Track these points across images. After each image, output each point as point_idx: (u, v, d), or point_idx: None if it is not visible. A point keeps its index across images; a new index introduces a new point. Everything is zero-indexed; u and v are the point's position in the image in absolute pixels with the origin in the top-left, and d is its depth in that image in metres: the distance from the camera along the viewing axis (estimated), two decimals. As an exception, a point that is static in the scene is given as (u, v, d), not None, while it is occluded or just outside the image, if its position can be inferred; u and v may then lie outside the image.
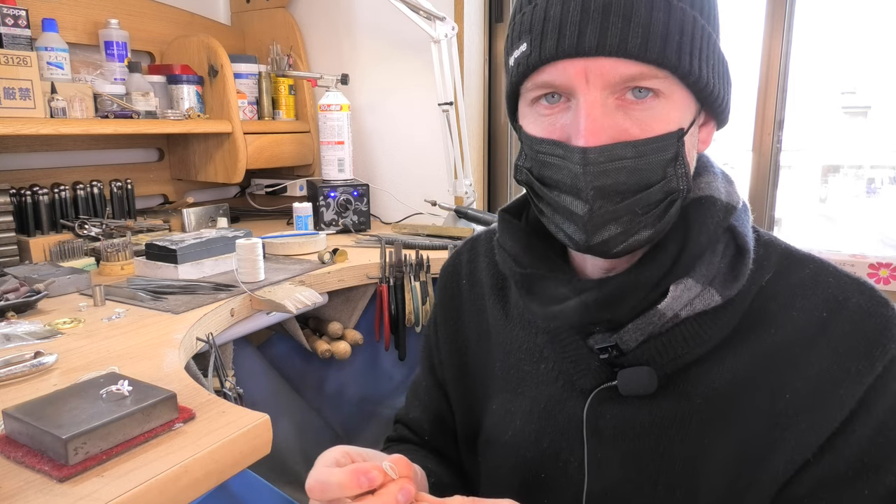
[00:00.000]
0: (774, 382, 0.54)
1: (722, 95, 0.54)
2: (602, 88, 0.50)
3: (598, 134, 0.50)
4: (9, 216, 1.37)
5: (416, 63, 1.89)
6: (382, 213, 2.05)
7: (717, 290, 0.54)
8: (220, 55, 1.77)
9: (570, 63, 0.49)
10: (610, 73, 0.49)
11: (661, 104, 0.51)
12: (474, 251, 0.75)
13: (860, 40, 1.59)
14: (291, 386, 1.65)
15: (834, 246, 1.47)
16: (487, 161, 2.00)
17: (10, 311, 1.05)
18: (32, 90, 1.35)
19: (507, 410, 0.66)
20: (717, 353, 0.55)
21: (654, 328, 0.55)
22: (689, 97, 0.52)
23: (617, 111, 0.50)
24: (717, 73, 0.52)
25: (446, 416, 0.77)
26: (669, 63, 0.49)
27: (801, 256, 0.59)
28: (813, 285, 0.56)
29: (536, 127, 0.54)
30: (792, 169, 1.72)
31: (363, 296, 1.57)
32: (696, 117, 0.54)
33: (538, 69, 0.52)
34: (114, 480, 0.59)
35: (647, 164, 0.51)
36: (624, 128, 0.50)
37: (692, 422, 0.55)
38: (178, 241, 1.34)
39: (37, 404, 0.66)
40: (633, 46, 0.48)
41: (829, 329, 0.53)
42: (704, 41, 0.50)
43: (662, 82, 0.50)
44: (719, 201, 0.56)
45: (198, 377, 0.99)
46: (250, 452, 0.71)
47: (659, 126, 0.51)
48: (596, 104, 0.50)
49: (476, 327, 0.72)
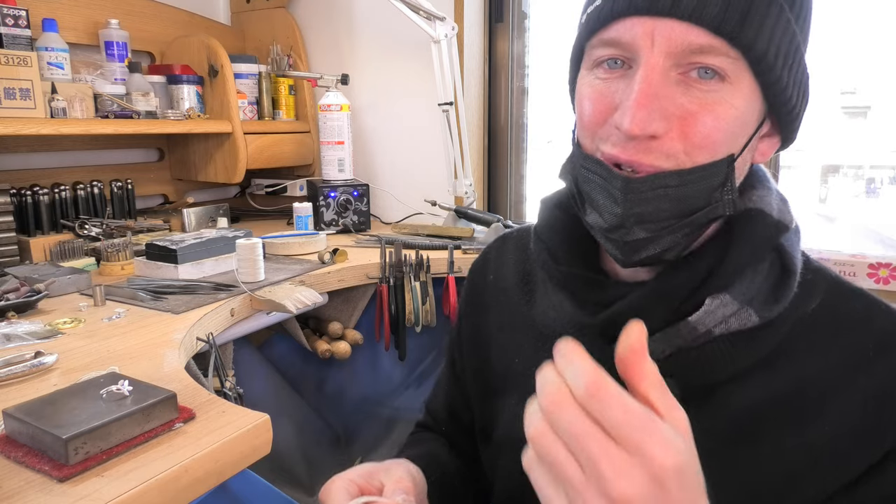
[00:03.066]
0: (805, 416, 0.51)
1: (795, 104, 0.51)
2: (667, 55, 0.47)
3: (650, 104, 0.47)
4: (9, 216, 1.37)
5: (416, 63, 1.89)
6: (382, 213, 2.05)
7: (755, 310, 0.51)
8: (221, 55, 1.77)
9: (640, 21, 0.47)
10: (679, 39, 0.46)
11: (727, 89, 0.47)
12: (504, 248, 0.75)
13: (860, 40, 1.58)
14: (291, 386, 1.65)
15: (834, 246, 1.46)
16: (487, 161, 2.00)
17: (10, 311, 1.05)
18: (33, 90, 1.35)
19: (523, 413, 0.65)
20: (746, 376, 0.53)
21: (683, 342, 0.52)
22: (758, 93, 0.49)
23: (678, 86, 0.48)
24: (794, 78, 0.49)
25: (460, 411, 0.77)
26: (745, 40, 0.45)
27: (852, 289, 0.56)
28: (863, 321, 0.53)
29: (589, 92, 0.52)
30: (792, 169, 1.72)
31: (363, 296, 1.57)
32: (762, 121, 0.51)
33: (607, 24, 0.49)
34: (114, 480, 0.59)
35: (692, 191, 0.49)
36: (680, 103, 0.47)
37: (711, 439, 0.52)
38: (179, 241, 1.34)
39: (37, 404, 0.67)
40: (709, 13, 0.45)
41: (874, 368, 0.51)
42: (788, 38, 0.47)
43: (732, 64, 0.46)
44: (769, 217, 0.53)
45: (198, 377, 0.99)
46: (250, 452, 0.71)
47: (722, 110, 0.47)
48: (656, 69, 0.47)
49: (499, 323, 0.71)
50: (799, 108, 0.52)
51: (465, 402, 0.76)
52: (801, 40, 0.49)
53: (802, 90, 0.51)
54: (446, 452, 0.76)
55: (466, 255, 1.49)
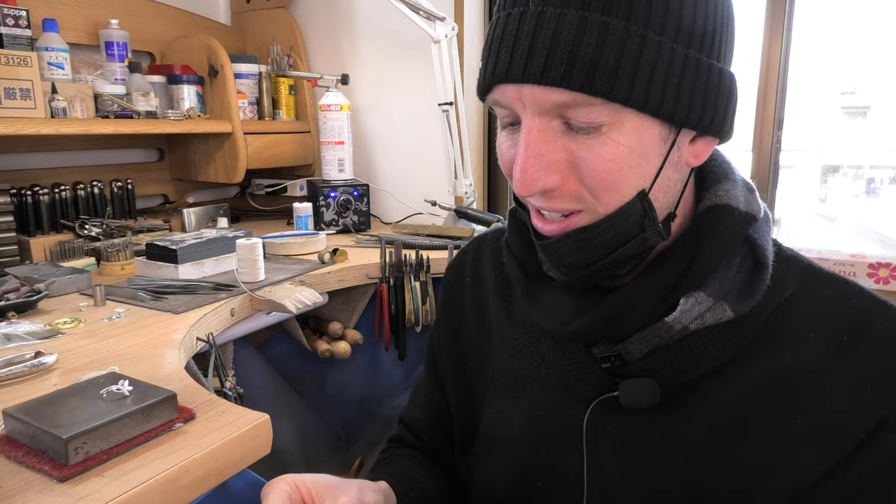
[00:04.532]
0: (784, 405, 0.51)
1: (708, 115, 0.50)
2: (539, 114, 0.48)
3: (535, 164, 0.49)
4: (9, 216, 1.37)
5: (416, 63, 1.89)
6: (382, 213, 2.05)
7: (730, 304, 0.52)
8: (221, 55, 1.77)
9: (508, 87, 0.49)
10: (542, 99, 0.47)
11: (611, 130, 0.48)
12: (479, 250, 0.75)
13: (860, 40, 1.59)
14: (291, 386, 1.65)
15: (834, 246, 1.46)
16: (487, 161, 2.00)
17: (10, 311, 1.05)
18: (33, 90, 1.35)
19: (505, 414, 0.65)
20: (725, 369, 0.53)
21: (660, 340, 0.53)
22: (650, 121, 0.48)
23: (563, 135, 0.49)
24: (693, 94, 0.48)
25: (445, 418, 0.76)
26: (600, 89, 0.45)
27: (825, 275, 0.56)
28: (836, 307, 0.53)
29: (500, 150, 0.55)
30: (792, 169, 1.73)
31: (363, 296, 1.57)
32: (674, 138, 0.50)
33: (490, 89, 0.52)
34: (114, 480, 0.59)
35: (610, 236, 0.51)
36: (570, 150, 0.49)
37: (694, 439, 0.53)
38: (179, 241, 1.34)
39: (37, 404, 0.67)
40: (555, 75, 0.46)
41: (849, 354, 0.51)
42: (664, 62, 0.46)
43: (602, 109, 0.47)
44: (737, 210, 0.53)
45: (198, 377, 0.99)
46: (250, 452, 0.71)
47: (608, 153, 0.48)
48: (534, 129, 0.49)
49: (477, 328, 0.71)
50: (712, 114, 0.50)
51: (448, 407, 0.75)
52: (689, 49, 0.48)
53: (712, 96, 0.49)
54: (423, 469, 0.74)
55: (466, 255, 1.49)
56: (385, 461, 0.77)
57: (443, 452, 0.76)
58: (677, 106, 0.48)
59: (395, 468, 0.73)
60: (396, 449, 0.79)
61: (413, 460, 0.75)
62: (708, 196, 0.55)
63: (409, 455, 0.77)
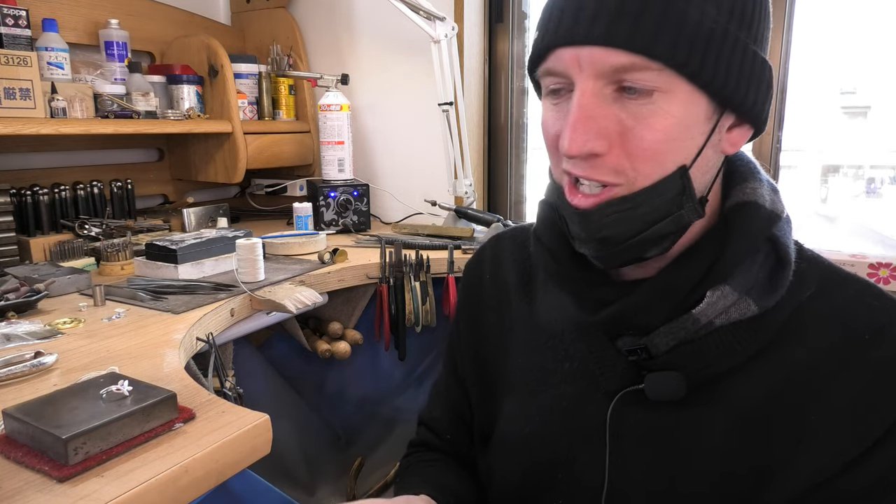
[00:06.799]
0: (804, 401, 0.53)
1: (750, 99, 0.52)
2: (595, 77, 0.50)
3: (585, 126, 0.50)
4: (9, 216, 1.37)
5: (416, 63, 1.89)
6: (382, 213, 2.05)
7: (754, 299, 0.53)
8: (221, 55, 1.77)
9: (567, 50, 0.50)
10: (601, 62, 0.49)
11: (661, 99, 0.49)
12: (498, 248, 0.76)
13: (860, 40, 1.58)
14: (291, 386, 1.65)
15: (834, 246, 1.46)
16: (487, 161, 2.00)
17: (10, 311, 1.05)
18: (33, 90, 1.35)
19: (527, 407, 0.65)
20: (748, 365, 0.54)
21: (686, 334, 0.54)
22: (699, 95, 0.50)
23: (615, 103, 0.50)
24: (740, 73, 0.50)
25: (466, 415, 0.77)
26: (660, 53, 0.47)
27: (845, 276, 0.57)
28: (855, 306, 0.54)
29: (544, 118, 0.56)
30: (792, 169, 1.72)
31: (363, 296, 1.57)
32: (718, 117, 0.52)
33: (544, 56, 0.53)
34: (114, 480, 0.59)
35: (647, 210, 0.52)
36: (619, 119, 0.50)
37: (716, 433, 0.54)
38: (178, 241, 1.34)
39: (37, 404, 0.66)
40: (621, 36, 0.48)
41: (869, 353, 0.52)
42: (718, 37, 0.48)
43: (658, 75, 0.48)
44: (763, 208, 0.55)
45: (198, 377, 0.99)
46: (250, 452, 0.71)
47: (657, 122, 0.49)
48: (587, 92, 0.50)
49: (498, 324, 0.72)
50: (754, 99, 0.52)
51: (468, 404, 0.76)
52: (739, 31, 0.50)
53: (754, 82, 0.52)
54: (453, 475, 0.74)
55: (466, 255, 1.49)
56: (413, 468, 0.77)
57: (465, 449, 0.77)
58: (727, 82, 0.50)
59: (426, 476, 0.73)
60: (422, 454, 0.79)
61: (441, 465, 0.76)
62: (735, 193, 0.57)
63: (436, 460, 0.77)
